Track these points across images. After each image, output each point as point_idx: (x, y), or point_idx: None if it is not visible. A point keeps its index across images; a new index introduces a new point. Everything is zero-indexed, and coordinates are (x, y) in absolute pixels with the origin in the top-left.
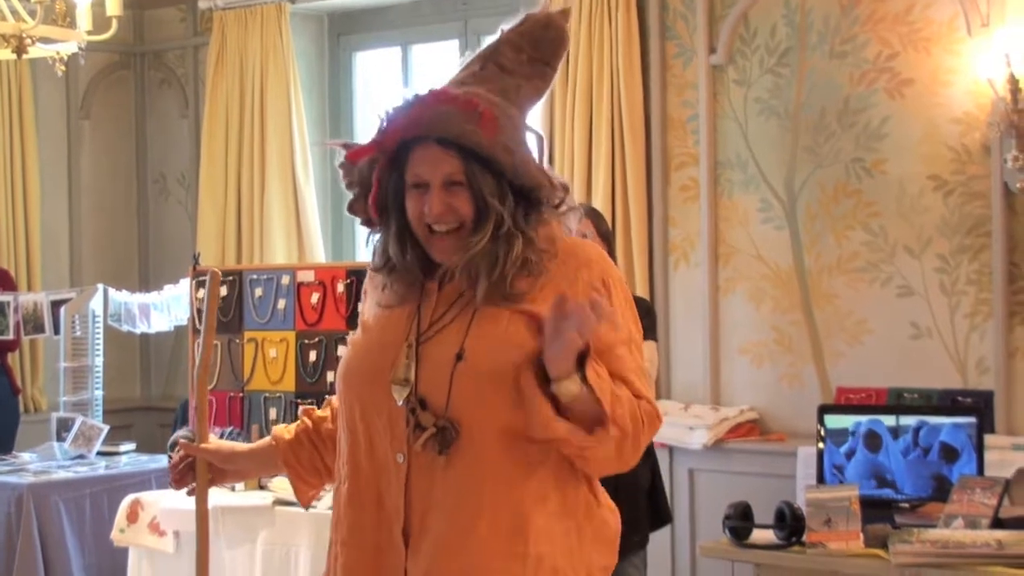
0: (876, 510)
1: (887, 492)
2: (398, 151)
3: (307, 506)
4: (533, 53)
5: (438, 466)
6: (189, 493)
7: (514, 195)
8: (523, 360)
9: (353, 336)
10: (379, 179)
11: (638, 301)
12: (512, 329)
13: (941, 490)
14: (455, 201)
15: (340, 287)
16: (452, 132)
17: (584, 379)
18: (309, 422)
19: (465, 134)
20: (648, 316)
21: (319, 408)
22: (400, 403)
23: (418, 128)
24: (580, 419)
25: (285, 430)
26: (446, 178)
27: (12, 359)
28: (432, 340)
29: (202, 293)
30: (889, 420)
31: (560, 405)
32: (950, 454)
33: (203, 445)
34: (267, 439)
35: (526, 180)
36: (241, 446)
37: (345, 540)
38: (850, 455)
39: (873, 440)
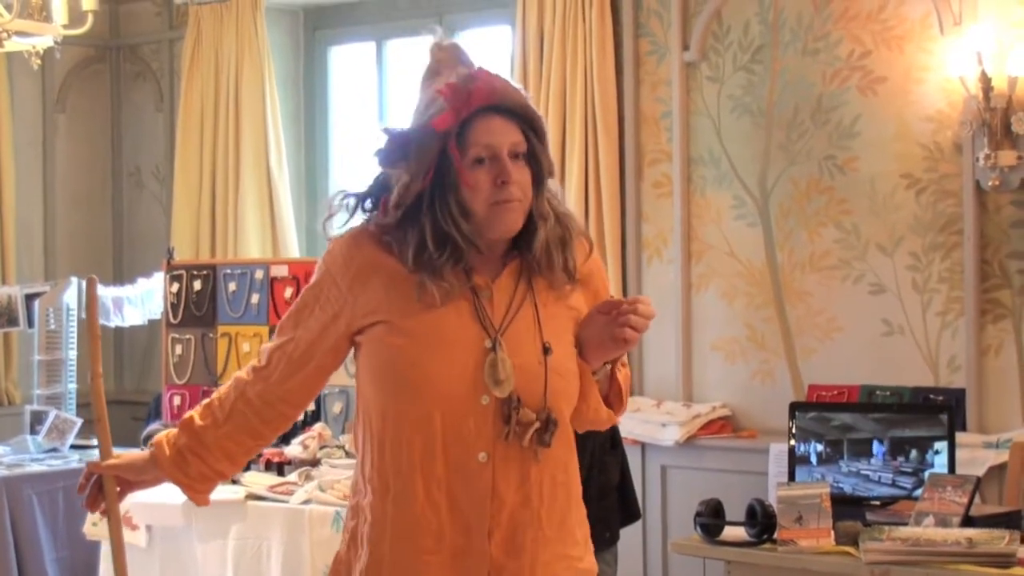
0: (847, 507)
1: (858, 489)
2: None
3: (202, 504)
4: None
5: (530, 460)
6: (103, 513)
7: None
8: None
9: (388, 338)
10: (454, 146)
11: None
12: (569, 324)
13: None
14: (519, 173)
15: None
16: (519, 101)
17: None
18: (186, 439)
19: (527, 104)
20: None
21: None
22: (504, 399)
23: (493, 95)
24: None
25: (165, 444)
26: (512, 148)
27: None
28: (508, 336)
29: (176, 287)
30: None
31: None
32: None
33: (110, 461)
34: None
35: (551, 165)
36: (146, 457)
37: (431, 548)
38: (821, 452)
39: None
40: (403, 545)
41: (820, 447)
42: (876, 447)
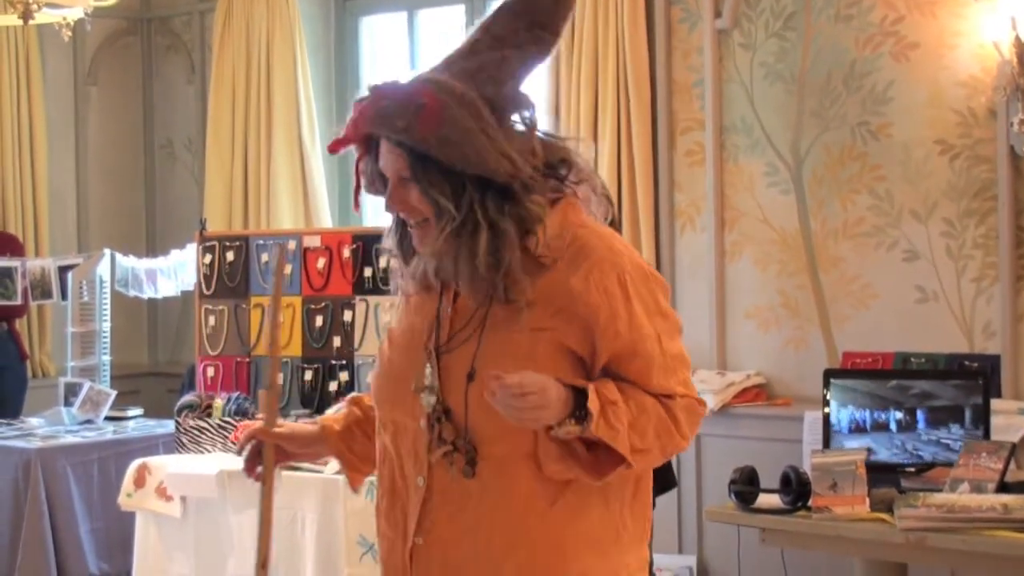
0: (882, 474)
1: (893, 456)
2: (373, 143)
3: (355, 489)
4: (532, 18)
5: (470, 492)
6: (257, 478)
7: (481, 185)
8: None
9: (380, 347)
10: (360, 171)
11: None
12: (529, 350)
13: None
14: (409, 197)
15: (346, 252)
16: (390, 130)
17: (585, 423)
18: (359, 412)
19: (401, 131)
20: None
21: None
22: (428, 410)
23: (368, 125)
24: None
25: (334, 420)
26: (397, 174)
27: (20, 324)
28: (450, 351)
29: (209, 258)
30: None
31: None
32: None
33: (276, 430)
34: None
35: (480, 169)
36: (311, 430)
37: (384, 558)
38: (855, 419)
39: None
40: (380, 549)
41: (900, 415)
42: (929, 416)
